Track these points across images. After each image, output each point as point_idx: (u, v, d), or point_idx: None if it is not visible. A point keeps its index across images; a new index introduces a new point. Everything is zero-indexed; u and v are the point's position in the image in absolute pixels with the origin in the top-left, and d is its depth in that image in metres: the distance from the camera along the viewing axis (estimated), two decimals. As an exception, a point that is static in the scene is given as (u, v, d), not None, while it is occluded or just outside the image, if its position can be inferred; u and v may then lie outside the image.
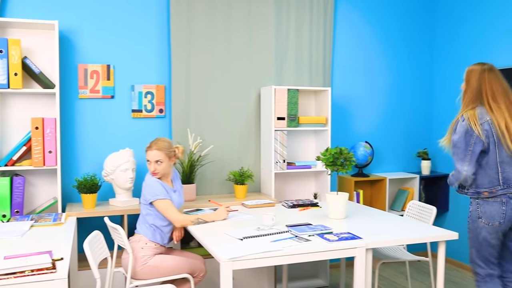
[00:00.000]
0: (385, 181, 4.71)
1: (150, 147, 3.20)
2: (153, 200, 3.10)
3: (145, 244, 3.09)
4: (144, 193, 3.16)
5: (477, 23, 4.64)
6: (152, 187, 3.13)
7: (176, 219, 3.11)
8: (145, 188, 3.16)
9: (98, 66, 3.95)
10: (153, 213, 3.14)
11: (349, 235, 2.81)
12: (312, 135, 4.58)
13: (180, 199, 3.32)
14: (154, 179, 3.17)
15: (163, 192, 3.13)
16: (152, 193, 3.11)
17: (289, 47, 4.51)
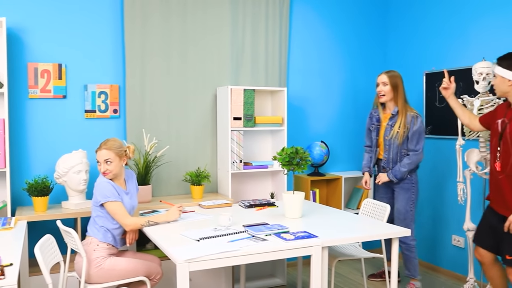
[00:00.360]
0: (340, 180, 4.78)
1: (100, 148, 3.12)
2: (103, 202, 3.03)
3: (97, 245, 3.02)
4: (95, 194, 3.08)
5: (428, 24, 4.77)
6: (103, 188, 3.05)
7: (125, 222, 3.05)
8: (96, 189, 3.09)
9: (49, 65, 3.84)
10: (103, 215, 3.07)
11: (305, 234, 2.83)
12: (268, 135, 4.60)
13: (133, 202, 3.24)
14: (106, 180, 3.09)
15: (114, 194, 3.05)
16: (103, 195, 3.03)
17: (245, 48, 4.51)
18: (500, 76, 3.02)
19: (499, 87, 3.07)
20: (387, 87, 3.98)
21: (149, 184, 3.96)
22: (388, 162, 4.07)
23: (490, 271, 3.31)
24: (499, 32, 4.05)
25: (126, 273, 3.00)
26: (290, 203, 3.33)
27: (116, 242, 3.13)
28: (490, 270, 3.30)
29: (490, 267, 3.29)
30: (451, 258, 4.56)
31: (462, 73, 4.31)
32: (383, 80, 4.00)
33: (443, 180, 4.60)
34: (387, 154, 4.07)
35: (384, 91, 3.99)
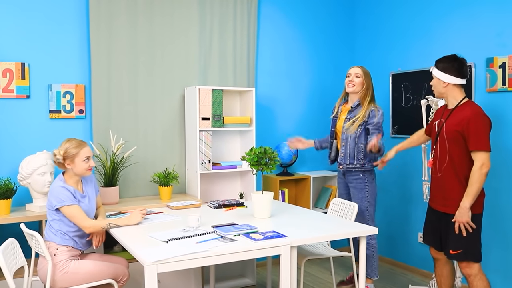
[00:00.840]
0: (309, 180, 4.81)
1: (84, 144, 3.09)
2: (59, 206, 2.96)
3: (56, 249, 2.95)
4: (50, 199, 3.00)
5: (394, 26, 4.85)
6: (58, 193, 2.98)
7: (85, 225, 2.98)
8: (50, 194, 3.02)
9: (12, 64, 3.74)
10: (59, 218, 2.99)
11: (274, 234, 2.84)
12: (237, 135, 4.59)
13: (91, 205, 3.17)
14: (60, 185, 3.02)
15: (69, 197, 2.98)
16: (58, 200, 2.96)
17: (213, 48, 4.49)
18: (437, 78, 3.19)
19: (436, 88, 3.23)
20: (359, 79, 3.94)
21: (116, 185, 3.90)
22: (345, 157, 3.98)
23: (442, 269, 3.42)
24: (462, 32, 4.14)
25: (92, 276, 2.95)
26: (259, 203, 3.34)
27: (76, 244, 3.05)
28: (442, 267, 3.41)
29: (443, 264, 3.40)
30: (418, 255, 4.64)
31: (427, 73, 4.39)
32: (356, 71, 3.95)
33: (409, 179, 4.68)
34: (344, 149, 3.99)
35: (355, 82, 3.93)
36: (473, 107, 3.09)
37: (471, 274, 3.13)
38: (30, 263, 3.00)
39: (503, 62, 3.77)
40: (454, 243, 3.13)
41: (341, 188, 4.24)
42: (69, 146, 3.04)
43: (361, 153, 3.93)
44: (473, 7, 4.06)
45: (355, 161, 3.95)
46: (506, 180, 3.83)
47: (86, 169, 3.08)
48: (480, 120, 3.03)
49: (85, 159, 3.06)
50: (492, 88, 3.85)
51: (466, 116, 3.05)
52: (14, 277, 2.60)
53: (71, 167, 3.05)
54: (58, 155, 3.03)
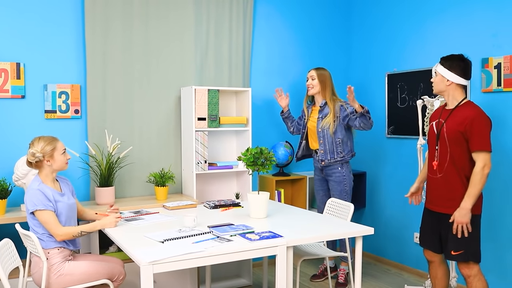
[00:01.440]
0: (305, 180, 4.81)
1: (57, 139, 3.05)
2: (32, 210, 2.88)
3: (48, 253, 2.91)
4: (26, 202, 2.92)
5: (390, 27, 4.86)
6: (32, 195, 2.90)
7: (56, 232, 2.90)
8: (26, 197, 2.93)
9: (7, 64, 3.73)
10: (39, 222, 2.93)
11: (270, 234, 2.84)
12: (233, 136, 4.59)
13: (71, 202, 3.08)
14: (36, 186, 2.93)
15: (42, 202, 2.89)
16: (32, 203, 2.88)
17: (209, 48, 4.49)
18: (441, 75, 3.17)
19: (438, 85, 3.21)
20: (315, 81, 4.25)
21: (112, 185, 3.90)
22: (326, 153, 4.20)
23: (436, 270, 3.41)
24: (457, 33, 4.16)
25: (88, 276, 2.94)
26: (255, 203, 3.34)
27: (66, 244, 3.00)
28: (437, 269, 3.40)
29: (438, 266, 3.39)
30: (413, 255, 4.65)
31: (422, 74, 4.41)
32: (311, 74, 4.27)
33: (404, 179, 4.69)
34: (322, 146, 4.21)
35: (313, 84, 4.26)
36: (475, 108, 3.08)
37: (471, 274, 3.12)
38: (25, 264, 2.99)
39: (498, 63, 3.78)
40: (455, 244, 3.10)
41: (318, 184, 4.41)
42: (44, 142, 2.97)
43: (339, 146, 4.17)
44: (468, 7, 4.07)
45: (335, 155, 4.18)
46: (501, 180, 3.84)
47: (65, 162, 3.04)
48: (483, 121, 3.02)
49: (62, 152, 3.03)
50: (487, 88, 3.86)
51: (469, 116, 3.03)
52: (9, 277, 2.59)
53: (51, 163, 2.98)
54: (38, 153, 2.93)
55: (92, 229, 3.04)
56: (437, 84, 3.20)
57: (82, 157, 4.01)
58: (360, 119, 4.01)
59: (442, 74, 3.15)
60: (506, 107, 3.77)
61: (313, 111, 4.37)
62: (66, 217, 3.01)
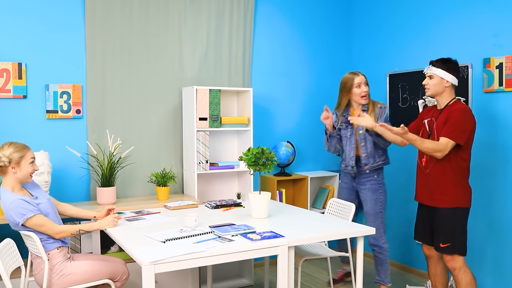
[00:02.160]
0: (306, 180, 4.81)
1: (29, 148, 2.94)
2: (23, 221, 2.80)
3: (48, 254, 2.89)
4: (12, 216, 2.80)
5: (391, 26, 4.85)
6: (16, 207, 2.80)
7: (55, 231, 2.87)
8: (8, 211, 2.80)
9: (8, 64, 3.73)
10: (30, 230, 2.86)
11: (271, 234, 2.84)
12: (234, 135, 4.59)
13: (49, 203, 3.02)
14: (13, 197, 2.83)
15: (28, 208, 2.81)
16: (19, 214, 2.79)
17: (210, 48, 4.49)
18: (440, 77, 3.26)
19: (435, 87, 3.30)
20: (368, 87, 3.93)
21: (114, 185, 3.90)
22: (368, 157, 3.90)
23: (435, 267, 3.50)
24: (459, 33, 4.15)
25: (89, 276, 2.94)
26: (256, 203, 3.34)
27: (62, 241, 2.98)
28: (436, 265, 3.50)
29: (436, 263, 3.49)
30: (415, 255, 4.64)
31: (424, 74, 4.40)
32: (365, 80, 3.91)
33: (405, 179, 4.68)
34: (365, 149, 3.90)
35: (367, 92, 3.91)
36: (460, 105, 3.24)
37: (456, 267, 3.23)
38: (27, 264, 2.99)
39: (500, 63, 3.77)
40: (443, 236, 3.24)
41: (345, 193, 4.11)
42: (14, 148, 2.85)
43: (379, 149, 3.92)
44: (469, 7, 4.07)
45: (376, 158, 3.91)
46: (502, 179, 3.84)
47: (30, 173, 2.91)
48: (462, 114, 3.15)
49: (31, 161, 2.91)
50: (489, 88, 3.85)
51: (452, 112, 3.19)
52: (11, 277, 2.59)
53: (15, 171, 2.85)
54: (4, 157, 2.81)
55: (90, 228, 3.04)
56: (434, 86, 3.29)
57: (83, 157, 4.01)
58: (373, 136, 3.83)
59: (441, 76, 3.25)
60: (507, 107, 3.77)
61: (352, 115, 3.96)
62: (54, 215, 3.00)
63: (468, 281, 3.24)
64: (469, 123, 3.17)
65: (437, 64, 3.28)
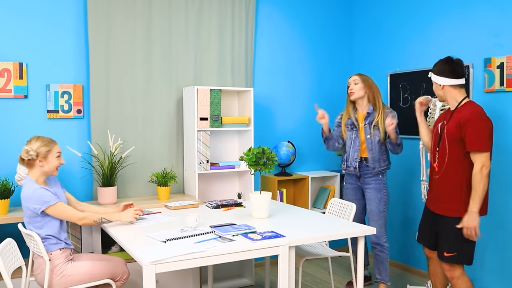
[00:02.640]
0: (307, 180, 4.81)
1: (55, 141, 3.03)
2: (45, 208, 2.85)
3: (50, 255, 2.90)
4: (30, 205, 2.87)
5: (392, 26, 4.85)
6: (40, 194, 2.86)
7: (79, 217, 2.94)
8: (29, 199, 2.86)
9: (9, 64, 3.74)
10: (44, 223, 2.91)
11: (272, 234, 2.84)
12: (235, 135, 4.59)
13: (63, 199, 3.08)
14: (37, 186, 2.90)
15: (52, 196, 2.89)
16: (42, 201, 2.85)
17: (211, 48, 4.49)
18: (434, 82, 3.24)
19: (436, 92, 3.27)
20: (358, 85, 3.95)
21: (115, 185, 3.90)
22: (374, 161, 3.93)
23: (435, 267, 3.45)
24: (459, 33, 4.15)
25: (90, 276, 2.94)
26: (257, 203, 3.34)
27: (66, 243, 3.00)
28: (436, 266, 3.44)
29: (437, 263, 3.43)
30: (416, 255, 4.64)
31: (425, 74, 4.40)
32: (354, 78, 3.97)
33: (410, 179, 4.68)
34: (371, 153, 3.93)
35: (354, 89, 3.95)
36: (473, 107, 3.07)
37: (454, 276, 3.14)
38: (28, 263, 2.99)
39: (501, 63, 3.77)
40: (449, 245, 3.12)
41: (351, 193, 4.14)
42: (41, 142, 2.95)
43: (384, 154, 3.98)
44: (470, 7, 4.07)
45: (381, 162, 3.95)
46: (504, 180, 3.83)
47: (56, 166, 3.00)
48: (478, 120, 3.00)
49: (57, 155, 3.00)
50: (490, 88, 3.85)
51: (465, 116, 3.03)
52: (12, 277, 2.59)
53: (42, 164, 2.94)
54: (32, 151, 2.90)
55: (111, 218, 3.09)
56: (435, 91, 3.28)
57: (84, 157, 4.02)
58: (390, 145, 3.91)
59: (433, 80, 3.24)
60: (508, 107, 3.77)
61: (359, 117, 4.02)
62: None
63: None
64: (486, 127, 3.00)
65: (433, 67, 3.25)
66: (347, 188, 4.18)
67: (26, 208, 2.90)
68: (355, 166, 4.00)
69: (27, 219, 2.93)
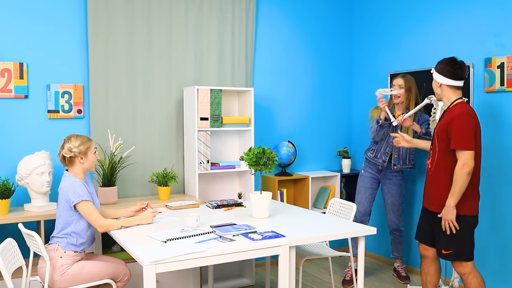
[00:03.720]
0: (307, 180, 4.81)
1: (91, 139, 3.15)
2: (77, 201, 2.92)
3: (64, 253, 2.93)
4: (68, 195, 2.95)
5: (392, 26, 4.85)
6: (77, 187, 2.95)
7: (99, 224, 2.97)
8: (67, 189, 2.96)
9: (10, 64, 3.74)
10: (75, 218, 2.98)
11: (272, 234, 2.84)
12: (235, 135, 4.59)
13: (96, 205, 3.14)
14: (75, 179, 3.00)
15: (86, 193, 2.97)
16: (77, 194, 2.92)
17: (212, 47, 4.49)
18: (434, 79, 3.30)
19: (434, 89, 3.34)
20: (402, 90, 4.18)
21: (115, 185, 3.90)
22: (399, 159, 4.28)
23: (429, 267, 3.47)
24: (460, 33, 4.15)
25: (92, 276, 2.95)
26: (257, 203, 3.34)
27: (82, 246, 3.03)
28: (430, 265, 3.46)
29: (431, 262, 3.45)
30: (416, 255, 4.64)
31: (425, 74, 4.40)
32: (399, 83, 4.19)
33: (407, 179, 4.68)
34: (397, 151, 4.28)
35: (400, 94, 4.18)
36: (462, 107, 3.15)
37: (465, 272, 3.20)
38: (28, 263, 3.00)
39: (502, 62, 3.77)
40: (445, 243, 3.19)
41: (367, 182, 4.45)
42: (81, 140, 3.08)
43: (411, 154, 4.31)
44: (471, 7, 4.07)
45: (407, 162, 4.30)
46: (504, 180, 3.83)
47: (95, 162, 3.14)
48: (463, 119, 3.08)
49: (94, 151, 3.14)
50: (491, 88, 3.85)
51: (452, 115, 3.13)
52: (12, 277, 2.59)
53: (83, 161, 3.07)
54: (74, 148, 3.03)
55: (130, 223, 3.11)
56: (433, 88, 3.34)
57: (85, 157, 4.01)
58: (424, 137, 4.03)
59: (434, 77, 3.29)
60: (509, 106, 3.77)
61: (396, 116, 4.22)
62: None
63: (477, 285, 3.19)
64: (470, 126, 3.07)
65: (435, 66, 3.29)
66: (364, 176, 4.48)
67: (62, 199, 2.99)
68: (384, 159, 4.31)
69: (59, 212, 3.01)
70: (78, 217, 2.99)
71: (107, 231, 3.03)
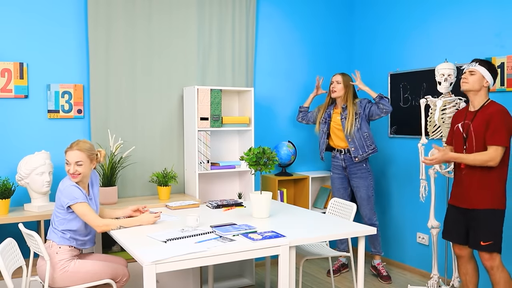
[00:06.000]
0: (308, 180, 4.81)
1: (71, 147, 3.03)
2: (72, 204, 2.93)
3: (59, 248, 2.94)
4: (60, 197, 2.97)
5: (392, 26, 4.85)
6: (71, 190, 2.96)
7: (97, 223, 2.97)
8: (61, 193, 2.98)
9: (10, 64, 3.74)
10: (66, 219, 2.97)
11: (273, 234, 2.84)
12: (236, 135, 4.59)
13: (95, 207, 3.16)
14: (72, 184, 3.00)
15: (81, 195, 2.97)
16: (71, 197, 2.94)
17: (212, 47, 4.49)
18: (481, 75, 3.28)
19: (475, 84, 3.29)
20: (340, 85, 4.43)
21: (115, 185, 3.90)
22: (357, 149, 4.36)
23: (466, 266, 3.47)
24: (460, 33, 4.15)
25: (92, 275, 2.95)
26: (257, 203, 3.34)
27: (77, 243, 3.03)
28: (466, 265, 3.47)
29: (467, 261, 3.46)
30: (416, 255, 4.65)
31: (426, 74, 4.41)
32: (337, 79, 4.45)
33: (408, 178, 4.68)
34: (353, 143, 4.37)
35: (336, 89, 4.43)
36: (497, 105, 3.24)
37: (494, 266, 3.23)
38: (29, 263, 3.00)
39: (502, 63, 3.77)
40: (485, 235, 3.22)
41: (338, 182, 4.58)
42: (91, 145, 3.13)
43: (368, 140, 4.37)
44: (471, 7, 4.06)
45: (365, 148, 4.36)
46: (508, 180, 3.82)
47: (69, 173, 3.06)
48: (500, 116, 3.15)
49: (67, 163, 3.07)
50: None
51: (490, 113, 3.19)
52: (13, 277, 2.59)
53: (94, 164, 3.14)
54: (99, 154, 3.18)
55: (129, 224, 3.10)
56: (474, 82, 3.30)
57: (85, 156, 4.01)
58: (380, 102, 4.26)
59: (483, 74, 3.27)
60: (509, 107, 3.76)
61: (335, 113, 4.51)
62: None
63: (508, 279, 3.24)
64: (507, 122, 3.17)
65: (481, 63, 3.30)
66: (333, 178, 4.63)
67: (57, 200, 3.01)
68: (322, 148, 4.58)
69: (54, 211, 3.04)
70: (71, 218, 2.98)
71: (106, 231, 3.03)
